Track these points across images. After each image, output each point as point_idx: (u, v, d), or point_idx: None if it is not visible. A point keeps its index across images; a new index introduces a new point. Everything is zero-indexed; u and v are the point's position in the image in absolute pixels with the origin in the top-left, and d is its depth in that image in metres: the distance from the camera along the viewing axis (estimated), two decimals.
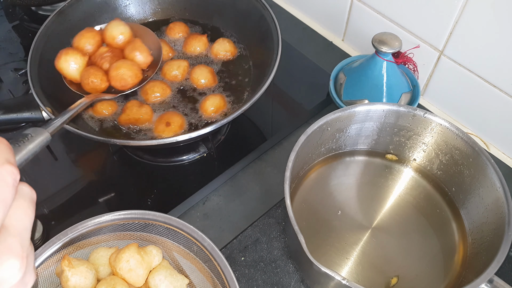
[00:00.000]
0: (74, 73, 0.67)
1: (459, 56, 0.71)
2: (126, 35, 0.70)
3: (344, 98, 0.75)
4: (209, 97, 0.71)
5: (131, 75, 0.66)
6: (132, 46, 0.69)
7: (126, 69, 0.65)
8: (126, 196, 0.70)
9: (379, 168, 0.69)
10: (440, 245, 0.61)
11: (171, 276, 0.54)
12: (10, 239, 0.28)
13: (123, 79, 0.65)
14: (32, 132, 0.41)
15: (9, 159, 0.30)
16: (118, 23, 0.70)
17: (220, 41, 0.78)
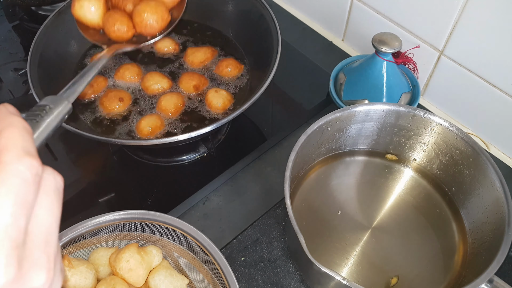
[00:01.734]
0: (94, 18, 0.59)
1: (459, 56, 0.71)
2: None
3: (344, 98, 0.75)
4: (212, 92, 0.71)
5: (157, 19, 0.58)
6: None
7: (151, 11, 0.57)
8: (126, 196, 0.70)
9: (379, 168, 0.69)
10: (440, 245, 0.61)
11: (171, 276, 0.54)
12: (35, 251, 0.25)
13: (149, 25, 0.58)
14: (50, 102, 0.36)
15: (27, 148, 0.25)
16: None
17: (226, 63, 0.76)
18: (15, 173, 0.24)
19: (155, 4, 0.58)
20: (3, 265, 0.23)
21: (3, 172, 0.24)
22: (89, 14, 0.58)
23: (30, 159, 0.25)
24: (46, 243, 0.26)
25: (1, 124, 0.26)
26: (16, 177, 0.24)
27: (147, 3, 0.58)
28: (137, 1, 0.59)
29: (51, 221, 0.27)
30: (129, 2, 0.59)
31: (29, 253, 0.25)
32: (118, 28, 0.57)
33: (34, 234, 0.25)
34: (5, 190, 0.23)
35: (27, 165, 0.25)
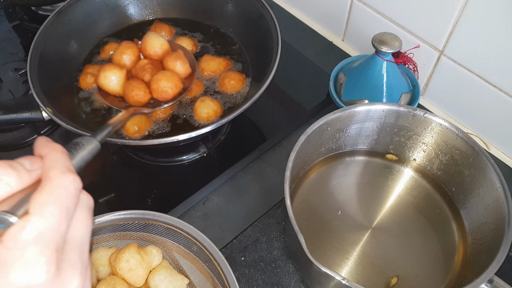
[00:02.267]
0: (116, 87, 0.67)
1: (459, 56, 0.71)
2: (165, 47, 0.71)
3: (344, 98, 0.75)
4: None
5: (172, 86, 0.65)
6: (174, 56, 0.69)
7: (167, 80, 0.65)
8: (126, 196, 0.70)
9: (379, 168, 0.69)
10: (440, 245, 0.61)
11: (171, 276, 0.54)
12: (72, 256, 0.28)
13: (165, 91, 0.65)
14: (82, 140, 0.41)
15: (69, 167, 0.30)
16: (156, 35, 0.71)
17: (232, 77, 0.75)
18: (60, 185, 0.28)
19: (170, 74, 0.67)
20: (45, 264, 0.26)
21: (52, 184, 0.28)
22: (112, 84, 0.67)
23: (73, 175, 0.30)
24: (81, 251, 0.29)
25: (45, 149, 0.31)
26: (62, 189, 0.28)
27: (163, 73, 0.66)
28: (154, 72, 0.67)
29: (85, 233, 0.30)
30: (147, 73, 0.67)
31: (67, 258, 0.28)
32: (137, 94, 0.65)
33: (72, 241, 0.29)
34: (53, 200, 0.27)
35: (71, 180, 0.29)
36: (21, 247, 0.26)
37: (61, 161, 0.30)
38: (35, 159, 0.31)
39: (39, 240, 0.26)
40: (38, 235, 0.26)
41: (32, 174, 0.29)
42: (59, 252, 0.27)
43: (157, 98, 0.66)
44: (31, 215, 0.26)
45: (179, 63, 0.68)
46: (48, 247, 0.26)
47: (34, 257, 0.26)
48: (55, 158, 0.30)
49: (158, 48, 0.70)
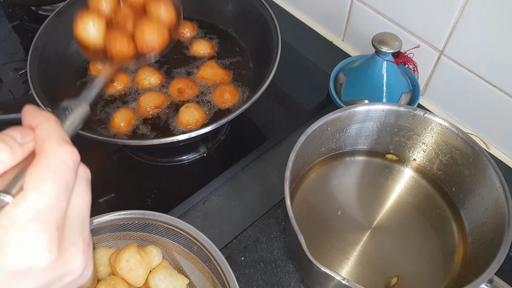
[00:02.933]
0: (96, 38, 0.60)
1: (459, 56, 0.71)
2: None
3: (344, 98, 0.75)
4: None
5: (162, 33, 0.60)
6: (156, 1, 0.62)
7: (152, 29, 0.59)
8: (126, 196, 0.70)
9: (379, 168, 0.69)
10: (440, 245, 0.61)
11: (171, 276, 0.54)
12: (74, 234, 0.26)
13: (150, 41, 0.59)
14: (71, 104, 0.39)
15: (65, 138, 0.28)
16: None
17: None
18: (58, 158, 0.26)
19: (156, 23, 0.60)
20: (47, 244, 0.24)
21: (48, 158, 0.25)
22: (91, 34, 0.59)
23: (70, 146, 0.27)
24: (82, 227, 0.27)
25: (36, 119, 0.28)
26: (59, 162, 0.26)
27: (148, 23, 0.60)
28: (137, 20, 0.60)
29: (86, 208, 0.28)
30: (128, 22, 0.61)
31: (69, 236, 0.26)
32: (120, 46, 0.59)
33: (73, 218, 0.27)
34: (51, 175, 0.25)
35: (68, 152, 0.27)
36: (19, 226, 0.23)
37: (55, 131, 0.27)
38: (26, 130, 0.28)
39: (38, 218, 0.24)
40: (36, 213, 0.24)
41: (24, 147, 0.27)
42: (60, 230, 0.25)
43: (142, 51, 0.61)
44: (27, 191, 0.24)
45: (163, 8, 0.62)
46: (48, 225, 0.24)
47: (34, 237, 0.24)
48: (48, 128, 0.27)
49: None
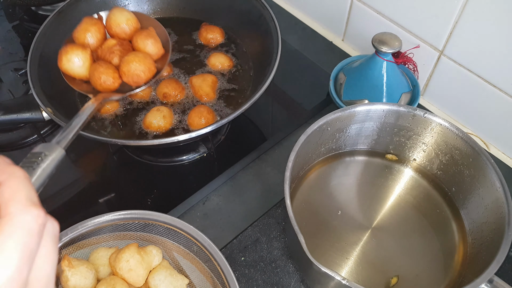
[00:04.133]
0: (81, 71, 0.60)
1: (459, 56, 0.71)
2: (132, 23, 0.63)
3: (344, 98, 0.75)
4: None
5: (144, 69, 0.59)
6: (144, 34, 0.62)
7: (139, 62, 0.59)
8: (126, 196, 0.70)
9: (379, 168, 0.69)
10: (440, 245, 0.61)
11: (171, 276, 0.54)
12: None
13: (136, 75, 0.59)
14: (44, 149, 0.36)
15: (32, 198, 0.26)
16: (121, 9, 0.64)
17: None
18: (22, 224, 0.24)
19: (143, 55, 0.60)
20: None
21: (10, 224, 0.24)
22: (76, 67, 0.59)
23: (36, 209, 0.25)
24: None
25: (2, 176, 0.26)
26: (23, 229, 0.24)
27: (135, 54, 0.60)
28: (123, 54, 0.60)
29: (50, 269, 0.27)
30: (115, 56, 0.60)
31: None
32: (104, 80, 0.58)
33: (35, 282, 0.25)
34: (13, 243, 0.24)
35: (34, 216, 0.25)
36: None
37: (22, 191, 0.26)
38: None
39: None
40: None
41: None
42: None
43: (128, 83, 0.60)
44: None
45: (150, 42, 0.61)
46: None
47: None
48: (15, 187, 0.26)
49: (125, 24, 0.62)
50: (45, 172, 0.35)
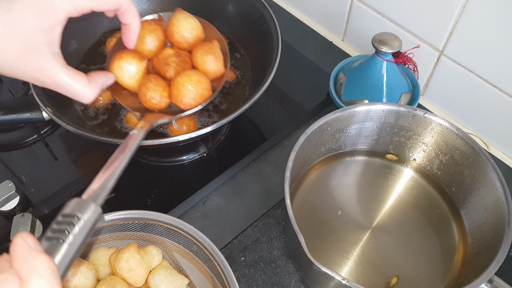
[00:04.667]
0: (131, 82, 0.53)
1: (459, 56, 0.71)
2: (197, 32, 0.56)
3: (344, 98, 0.75)
4: None
5: (196, 96, 0.52)
6: (206, 49, 0.54)
7: (193, 87, 0.51)
8: (126, 196, 0.70)
9: (379, 168, 0.69)
10: (440, 245, 0.61)
11: (171, 276, 0.54)
12: None
13: (187, 102, 0.52)
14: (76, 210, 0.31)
15: None
16: (185, 15, 0.56)
17: None
18: None
19: (198, 78, 0.52)
20: None
21: None
22: (127, 77, 0.53)
23: None
24: None
25: (24, 269, 0.23)
26: None
27: (189, 76, 0.52)
28: (180, 67, 0.53)
29: None
30: (170, 69, 0.53)
31: None
32: (150, 98, 0.52)
33: None
34: None
35: None
36: None
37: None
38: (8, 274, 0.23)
39: None
40: None
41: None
42: None
43: (178, 105, 0.53)
44: None
45: (211, 59, 0.54)
46: None
47: None
48: None
49: (188, 33, 0.55)
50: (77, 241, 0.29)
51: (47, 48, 0.39)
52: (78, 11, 0.40)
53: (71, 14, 0.40)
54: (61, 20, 0.39)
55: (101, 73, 0.49)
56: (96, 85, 0.46)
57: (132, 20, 0.47)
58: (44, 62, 0.40)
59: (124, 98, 0.55)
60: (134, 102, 0.55)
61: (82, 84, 0.43)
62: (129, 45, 0.52)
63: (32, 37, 0.38)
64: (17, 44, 0.38)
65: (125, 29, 0.50)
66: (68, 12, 0.39)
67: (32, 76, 0.41)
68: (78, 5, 0.39)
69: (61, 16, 0.39)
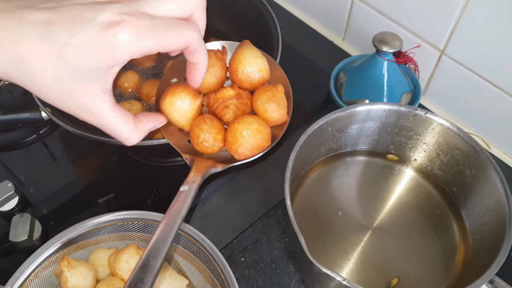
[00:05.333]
0: (181, 121, 0.47)
1: (460, 55, 0.71)
2: (264, 74, 0.49)
3: (344, 98, 0.75)
4: None
5: (253, 147, 0.47)
6: (269, 96, 0.48)
7: (254, 134, 0.46)
8: (125, 196, 0.70)
9: (380, 168, 0.68)
10: (441, 245, 0.61)
11: (171, 276, 0.54)
12: None
13: (246, 149, 0.47)
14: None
15: None
16: (256, 53, 0.49)
17: None
18: None
19: (257, 127, 0.46)
20: None
21: None
22: (177, 115, 0.47)
23: None
24: None
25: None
26: None
27: (248, 124, 0.46)
28: (240, 112, 0.48)
29: None
30: (228, 112, 0.48)
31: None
32: (203, 141, 0.47)
33: None
34: None
35: None
36: None
37: None
38: None
39: None
40: None
41: None
42: None
43: (232, 153, 0.48)
44: None
45: (274, 107, 0.47)
46: None
47: None
48: None
49: (255, 74, 0.48)
50: None
51: (99, 85, 0.36)
52: (143, 53, 0.35)
53: (135, 55, 0.35)
54: (122, 61, 0.35)
55: (151, 117, 0.44)
56: (143, 130, 0.42)
57: (201, 59, 0.42)
58: (92, 100, 0.36)
59: (171, 134, 0.49)
60: (181, 139, 0.50)
61: (127, 127, 0.40)
62: (193, 84, 0.45)
63: (85, 74, 0.34)
64: (67, 79, 0.34)
65: (191, 68, 0.43)
66: (132, 54, 0.35)
67: (75, 111, 0.37)
68: (145, 46, 0.35)
69: (123, 57, 0.34)
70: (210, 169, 0.48)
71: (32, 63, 0.33)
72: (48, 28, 0.33)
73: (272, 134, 0.49)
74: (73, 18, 0.33)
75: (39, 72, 0.33)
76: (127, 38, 0.33)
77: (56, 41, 0.33)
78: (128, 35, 0.33)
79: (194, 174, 0.47)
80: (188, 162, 0.48)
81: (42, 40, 0.32)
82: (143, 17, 0.34)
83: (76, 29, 0.33)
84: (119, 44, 0.33)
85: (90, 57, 0.34)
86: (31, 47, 0.32)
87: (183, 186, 0.45)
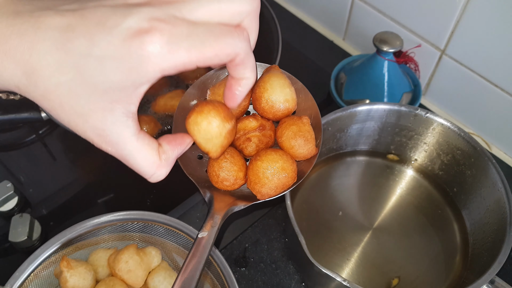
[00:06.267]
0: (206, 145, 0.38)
1: (461, 55, 0.71)
2: (290, 105, 0.45)
3: (345, 97, 0.75)
4: None
5: (278, 186, 0.42)
6: (295, 131, 0.43)
7: (278, 173, 0.42)
8: (125, 196, 0.70)
9: (380, 168, 0.68)
10: (442, 245, 0.61)
11: (170, 277, 0.53)
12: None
13: (270, 189, 0.42)
14: None
15: None
16: (284, 81, 0.45)
17: None
18: None
19: (282, 165, 0.42)
20: None
21: None
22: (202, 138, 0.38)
23: None
24: None
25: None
26: None
27: (272, 162, 0.42)
28: (263, 145, 0.44)
29: None
30: (250, 145, 0.44)
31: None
32: (223, 180, 0.43)
33: None
34: None
35: None
36: None
37: None
38: None
39: None
40: None
41: None
42: None
43: (254, 192, 0.44)
44: None
45: (301, 143, 0.43)
46: None
47: None
48: None
49: (280, 105, 0.44)
50: None
51: (122, 107, 0.29)
52: (178, 69, 0.28)
53: (167, 72, 0.28)
54: (151, 79, 0.28)
55: (175, 142, 0.35)
56: (168, 162, 0.34)
57: (248, 74, 0.36)
58: (112, 125, 0.30)
59: (188, 162, 0.45)
60: (200, 169, 0.46)
61: (151, 160, 0.33)
62: (230, 103, 0.37)
63: (106, 92, 0.28)
64: (84, 97, 0.28)
65: (234, 82, 0.36)
66: (163, 70, 0.27)
67: (91, 137, 0.32)
68: (180, 60, 0.27)
69: (153, 74, 0.27)
70: (232, 207, 0.43)
71: (45, 76, 0.27)
72: (66, 35, 0.27)
73: (298, 169, 0.44)
74: (96, 23, 0.27)
75: (52, 87, 0.27)
76: (158, 50, 0.26)
77: (74, 51, 0.26)
78: (160, 46, 0.26)
79: (214, 214, 0.41)
80: (206, 199, 0.43)
81: (58, 50, 0.26)
82: (179, 24, 0.27)
83: (98, 37, 0.26)
84: (147, 57, 0.26)
85: (113, 72, 0.27)
86: (46, 57, 0.27)
87: (202, 232, 0.38)
